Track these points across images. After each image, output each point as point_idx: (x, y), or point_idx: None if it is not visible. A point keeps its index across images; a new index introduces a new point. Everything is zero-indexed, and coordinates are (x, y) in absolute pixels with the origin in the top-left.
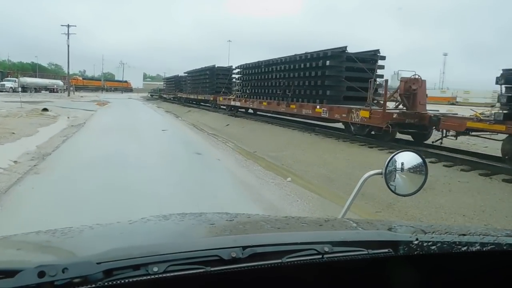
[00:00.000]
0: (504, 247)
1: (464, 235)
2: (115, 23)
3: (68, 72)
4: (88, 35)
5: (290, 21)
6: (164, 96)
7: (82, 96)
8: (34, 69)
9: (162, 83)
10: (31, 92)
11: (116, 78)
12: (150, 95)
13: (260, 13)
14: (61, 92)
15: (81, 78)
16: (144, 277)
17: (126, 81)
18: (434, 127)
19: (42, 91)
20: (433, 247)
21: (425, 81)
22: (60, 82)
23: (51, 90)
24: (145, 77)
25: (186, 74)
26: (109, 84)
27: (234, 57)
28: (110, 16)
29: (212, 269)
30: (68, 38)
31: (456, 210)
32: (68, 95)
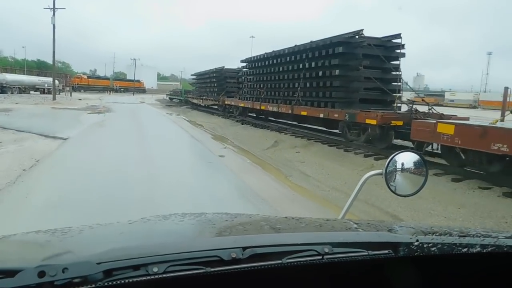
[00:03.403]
0: (505, 249)
1: (465, 236)
2: (127, 22)
3: (54, 63)
4: (100, 34)
5: (303, 21)
6: (194, 101)
7: (80, 99)
8: (40, 67)
9: (179, 83)
10: (12, 92)
11: (127, 78)
12: (169, 98)
13: (274, 14)
14: (56, 93)
15: (85, 77)
16: (144, 278)
17: (138, 81)
18: None
19: (31, 92)
20: (433, 249)
21: None
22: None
23: (42, 90)
24: (158, 77)
25: (246, 64)
26: (119, 83)
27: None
28: (123, 15)
29: (212, 269)
30: (53, 14)
31: None
32: (54, 99)
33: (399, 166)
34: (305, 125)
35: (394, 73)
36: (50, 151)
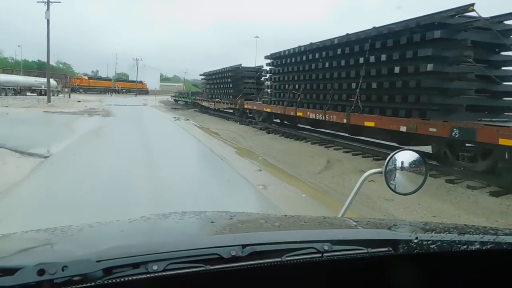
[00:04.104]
0: (504, 246)
1: (464, 234)
2: (130, 24)
3: (48, 61)
4: (103, 35)
5: (308, 22)
6: (203, 104)
7: (79, 101)
8: (41, 68)
9: (182, 84)
10: (6, 94)
11: (130, 79)
12: (174, 100)
13: (277, 16)
14: (52, 95)
15: (86, 77)
16: (144, 275)
17: (141, 82)
18: None
19: (27, 93)
20: (432, 246)
21: None
22: (52, 82)
23: (39, 91)
24: (161, 78)
25: (271, 61)
26: (121, 84)
27: (251, 59)
28: (126, 17)
29: (212, 267)
30: (48, 8)
31: None
32: (48, 101)
33: (398, 164)
34: (358, 137)
35: (505, 68)
36: (18, 179)
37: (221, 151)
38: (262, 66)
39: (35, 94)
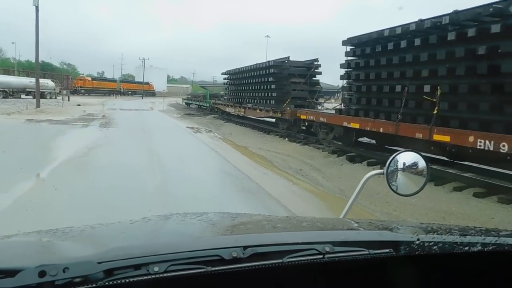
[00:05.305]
0: (506, 248)
1: (466, 235)
2: (137, 25)
3: (37, 57)
4: (109, 37)
5: (316, 23)
6: (228, 110)
7: (79, 105)
8: (43, 69)
9: (190, 86)
10: None
11: (136, 80)
12: (186, 103)
13: (285, 18)
14: (50, 97)
15: (89, 78)
16: (145, 277)
17: (147, 83)
18: None
19: (22, 96)
20: (434, 247)
21: None
22: (49, 83)
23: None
24: (168, 79)
25: (350, 49)
26: (126, 86)
27: (258, 61)
28: (132, 18)
29: (213, 269)
30: None
31: None
32: (38, 106)
33: (400, 165)
34: None
35: None
36: None
37: (300, 207)
38: (317, 60)
39: (31, 97)
